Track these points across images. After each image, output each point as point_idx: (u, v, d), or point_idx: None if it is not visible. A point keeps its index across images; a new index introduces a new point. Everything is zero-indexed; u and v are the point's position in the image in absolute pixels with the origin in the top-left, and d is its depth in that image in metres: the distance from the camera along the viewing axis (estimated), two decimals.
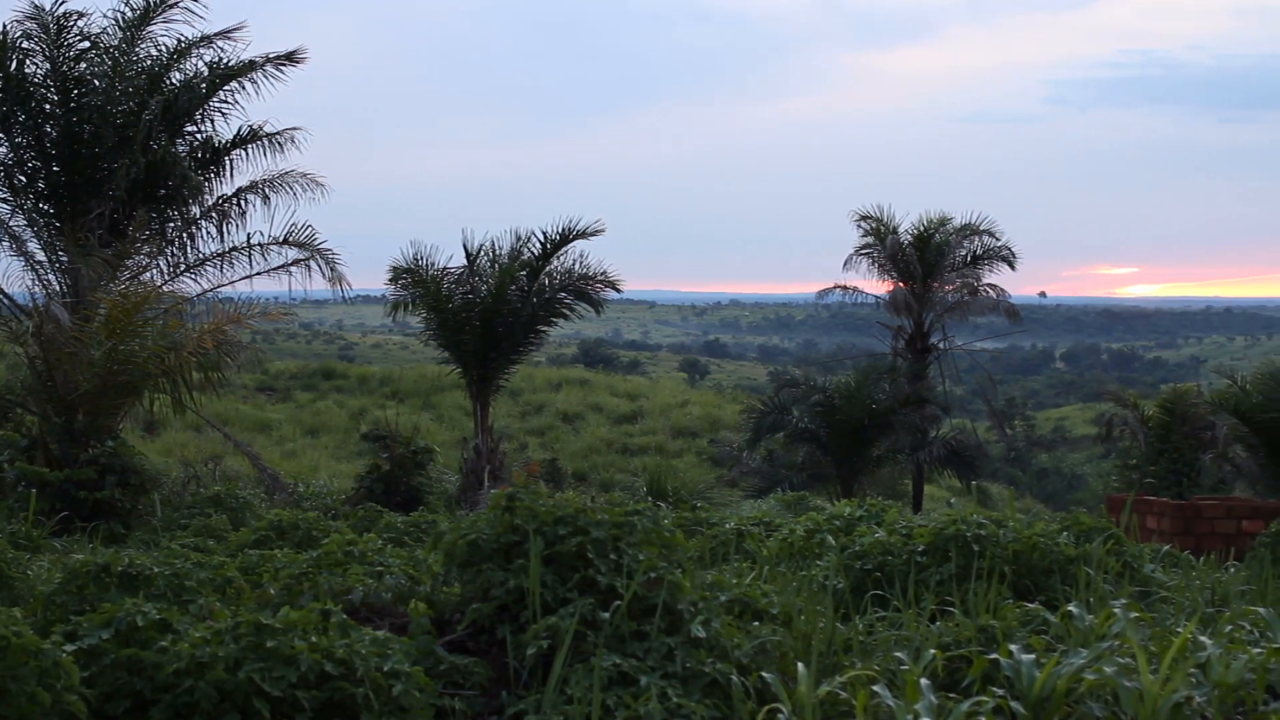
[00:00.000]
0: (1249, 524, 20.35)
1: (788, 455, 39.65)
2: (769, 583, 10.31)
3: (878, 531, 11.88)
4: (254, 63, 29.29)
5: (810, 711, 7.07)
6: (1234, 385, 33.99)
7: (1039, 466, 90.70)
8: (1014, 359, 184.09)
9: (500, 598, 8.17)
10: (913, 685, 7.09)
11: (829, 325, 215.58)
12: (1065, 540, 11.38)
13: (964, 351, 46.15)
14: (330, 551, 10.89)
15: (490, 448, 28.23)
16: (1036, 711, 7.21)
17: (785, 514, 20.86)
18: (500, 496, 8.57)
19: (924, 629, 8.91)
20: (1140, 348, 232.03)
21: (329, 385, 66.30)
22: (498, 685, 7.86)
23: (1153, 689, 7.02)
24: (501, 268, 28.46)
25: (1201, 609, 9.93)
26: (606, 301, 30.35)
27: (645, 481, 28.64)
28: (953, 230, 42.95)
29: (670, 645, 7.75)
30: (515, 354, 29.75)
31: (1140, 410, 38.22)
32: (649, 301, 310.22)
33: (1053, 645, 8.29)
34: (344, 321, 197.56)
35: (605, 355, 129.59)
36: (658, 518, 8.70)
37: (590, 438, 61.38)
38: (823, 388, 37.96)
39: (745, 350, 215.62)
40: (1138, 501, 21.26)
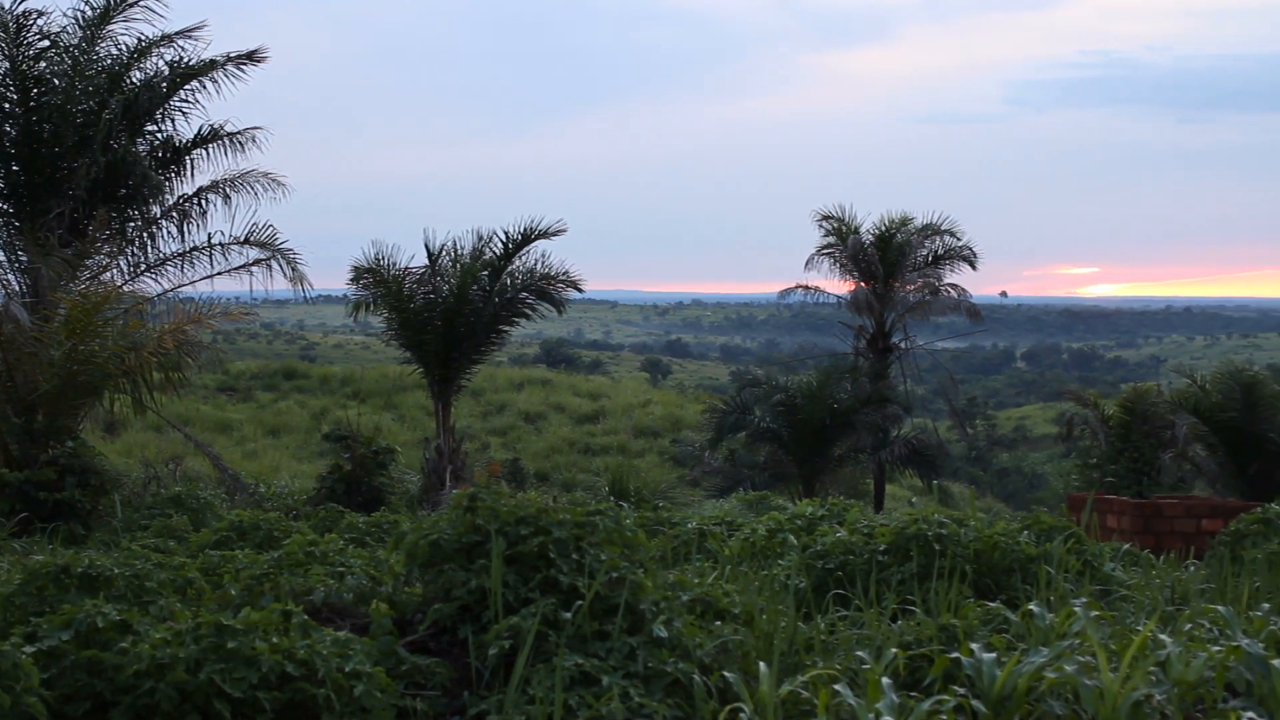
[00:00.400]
0: (1208, 522, 20.46)
1: (749, 455, 39.70)
2: (731, 582, 10.32)
3: (839, 531, 11.91)
4: (215, 62, 29.23)
5: (772, 710, 7.08)
6: (1194, 384, 34.15)
7: (1000, 466, 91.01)
8: (975, 358, 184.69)
9: (462, 598, 8.16)
10: (874, 684, 7.11)
11: (791, 325, 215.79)
12: (1026, 539, 11.44)
13: (925, 351, 46.22)
14: (291, 552, 10.86)
15: (452, 448, 28.20)
16: (997, 710, 7.23)
17: (747, 513, 20.88)
18: (462, 496, 8.57)
19: (885, 628, 8.93)
20: (1101, 347, 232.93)
21: (290, 385, 66.15)
22: (460, 685, 7.85)
23: (1113, 687, 7.05)
24: (463, 267, 28.44)
25: (1161, 607, 9.96)
26: (568, 301, 30.36)
27: (607, 481, 28.61)
28: (914, 230, 42.99)
29: (632, 645, 7.75)
30: (477, 354, 29.73)
31: (1101, 409, 38.34)
32: (611, 301, 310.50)
33: (1014, 644, 8.31)
34: (305, 321, 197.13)
35: (567, 355, 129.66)
36: (619, 517, 8.71)
37: (552, 437, 61.36)
38: (784, 387, 38.01)
39: (707, 350, 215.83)
40: (1098, 500, 21.37)
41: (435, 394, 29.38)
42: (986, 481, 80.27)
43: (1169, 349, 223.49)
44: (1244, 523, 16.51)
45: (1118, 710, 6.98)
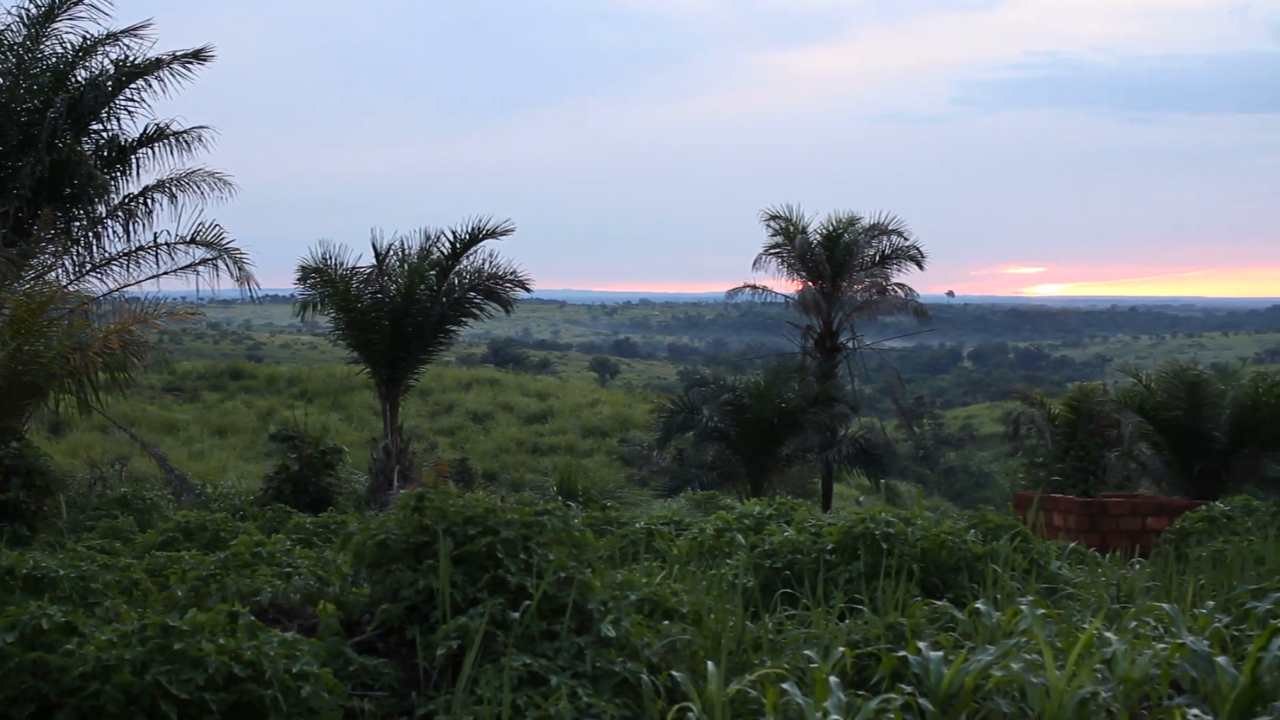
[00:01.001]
0: (1154, 521, 20.56)
1: (697, 454, 39.72)
2: (679, 582, 10.33)
3: (787, 530, 11.93)
4: (160, 60, 29.03)
5: (720, 710, 7.08)
6: (1139, 384, 34.30)
7: (947, 465, 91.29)
8: (922, 358, 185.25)
9: (410, 598, 8.15)
10: (822, 683, 7.12)
11: (739, 325, 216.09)
12: (973, 538, 11.48)
13: (873, 350, 46.34)
14: (238, 553, 10.83)
15: (399, 448, 28.15)
16: (944, 708, 7.26)
17: (695, 513, 20.92)
18: (409, 497, 8.55)
19: (833, 627, 8.95)
20: (1047, 347, 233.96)
21: (237, 385, 65.90)
22: (407, 686, 7.84)
23: (1059, 685, 7.09)
24: (411, 267, 28.40)
25: (1107, 605, 10.01)
26: (516, 301, 30.36)
27: (555, 481, 28.59)
28: (861, 230, 43.07)
29: (580, 645, 7.75)
30: (425, 354, 29.68)
31: (1047, 409, 38.52)
32: (559, 301, 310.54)
33: (960, 642, 8.34)
34: (252, 321, 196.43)
35: (515, 355, 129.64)
36: (567, 517, 8.70)
37: (500, 437, 61.32)
38: (732, 387, 38.02)
39: (655, 350, 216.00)
40: (1044, 499, 21.46)
41: (383, 394, 29.31)
42: (933, 480, 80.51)
43: (1115, 348, 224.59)
44: (1189, 521, 16.65)
45: (1064, 708, 7.01)
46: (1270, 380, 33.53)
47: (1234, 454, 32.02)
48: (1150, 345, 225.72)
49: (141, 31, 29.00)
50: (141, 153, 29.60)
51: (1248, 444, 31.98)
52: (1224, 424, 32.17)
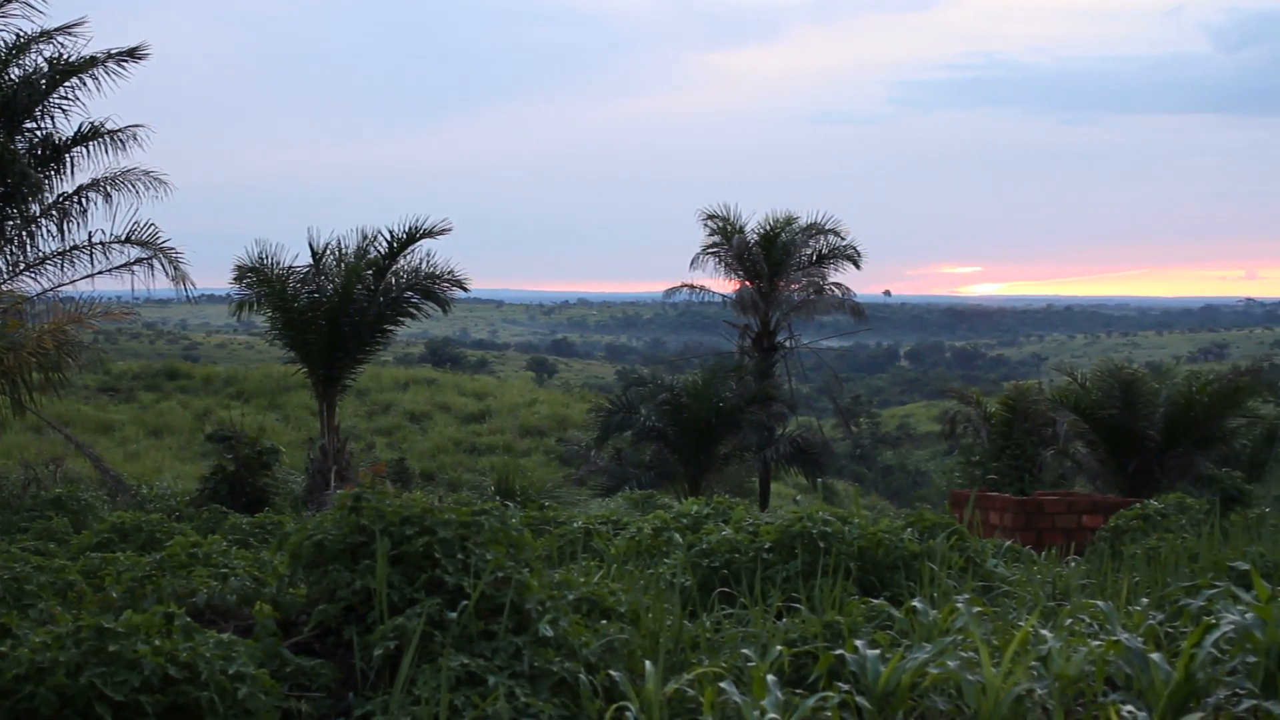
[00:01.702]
0: (1089, 519, 20.70)
1: (635, 454, 39.75)
2: (617, 581, 10.32)
3: (725, 529, 11.95)
4: (95, 59, 28.82)
5: (658, 709, 7.09)
6: (1074, 382, 34.52)
7: (884, 463, 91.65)
8: (859, 357, 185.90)
9: (347, 599, 8.12)
10: (759, 681, 7.13)
11: (676, 324, 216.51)
12: (909, 536, 11.52)
13: (810, 350, 46.47)
14: (174, 554, 10.78)
15: (337, 448, 28.07)
16: (881, 706, 7.28)
17: (633, 512, 20.92)
18: (346, 497, 8.52)
19: (770, 626, 8.96)
20: (983, 346, 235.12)
21: (173, 385, 65.63)
22: (345, 687, 7.81)
23: (995, 682, 7.12)
24: (348, 267, 28.33)
25: (1042, 603, 10.06)
26: (454, 301, 30.34)
27: (493, 481, 28.58)
28: (799, 229, 43.16)
29: (518, 644, 7.74)
30: (362, 353, 29.61)
31: (983, 407, 38.75)
32: (497, 300, 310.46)
33: (897, 640, 8.37)
34: (188, 321, 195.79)
35: (453, 354, 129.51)
36: (505, 517, 8.69)
37: (438, 437, 61.25)
38: (670, 386, 38.08)
39: (593, 349, 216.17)
40: (980, 497, 21.58)
41: (320, 394, 29.23)
42: (871, 479, 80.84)
43: (1050, 347, 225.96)
44: (1123, 519, 16.77)
45: (999, 705, 7.05)
46: (1203, 379, 33.84)
47: (1168, 452, 32.27)
48: (1085, 344, 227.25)
49: (76, 30, 28.77)
50: (76, 151, 29.38)
51: (1181, 442, 32.24)
52: (1158, 422, 32.42)
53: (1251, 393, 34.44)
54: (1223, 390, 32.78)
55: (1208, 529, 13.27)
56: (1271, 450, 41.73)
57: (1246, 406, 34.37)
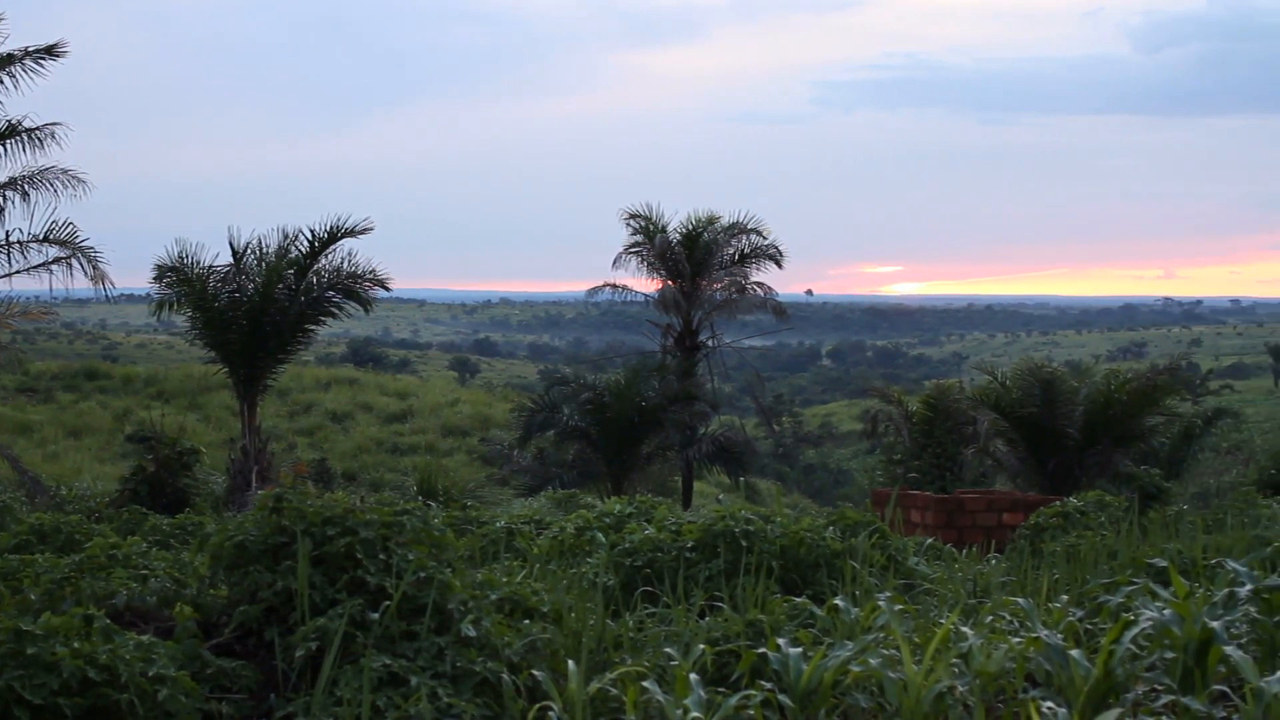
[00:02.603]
0: (1009, 516, 20.86)
1: (558, 453, 39.71)
2: (540, 581, 10.32)
3: (647, 528, 11.94)
4: (12, 56, 28.61)
5: (580, 708, 7.09)
6: (994, 381, 34.73)
7: (806, 462, 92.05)
8: (782, 356, 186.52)
9: (268, 599, 8.08)
10: (682, 680, 7.14)
11: (599, 323, 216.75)
12: (832, 535, 11.55)
13: (732, 349, 46.51)
14: (93, 555, 10.69)
15: (258, 448, 27.94)
16: (804, 703, 7.30)
17: (556, 512, 20.94)
18: (267, 497, 8.48)
19: (693, 624, 8.97)
20: (904, 344, 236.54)
21: (92, 386, 65.19)
22: (266, 688, 7.77)
23: (916, 679, 7.16)
24: (269, 266, 28.20)
25: (964, 600, 10.12)
26: (375, 300, 30.24)
27: (415, 481, 28.53)
28: (721, 229, 43.22)
29: (440, 645, 7.72)
30: (283, 353, 29.48)
31: (904, 406, 38.96)
32: (419, 300, 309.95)
33: (820, 638, 8.40)
34: (108, 321, 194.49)
35: (375, 354, 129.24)
36: (427, 517, 8.67)
37: (360, 437, 61.09)
38: (593, 386, 38.05)
39: (515, 349, 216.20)
40: (902, 496, 21.70)
41: (241, 394, 29.08)
42: (793, 478, 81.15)
43: (971, 346, 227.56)
44: (1043, 516, 16.90)
45: (921, 702, 7.08)
46: (1122, 378, 34.13)
47: (1087, 450, 32.50)
48: (1006, 343, 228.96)
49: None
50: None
51: (1100, 440, 32.48)
52: (1077, 421, 32.65)
53: (1169, 391, 34.75)
54: (1141, 389, 33.06)
55: (1126, 526, 13.37)
56: (1189, 448, 42.19)
57: (1164, 405, 34.68)
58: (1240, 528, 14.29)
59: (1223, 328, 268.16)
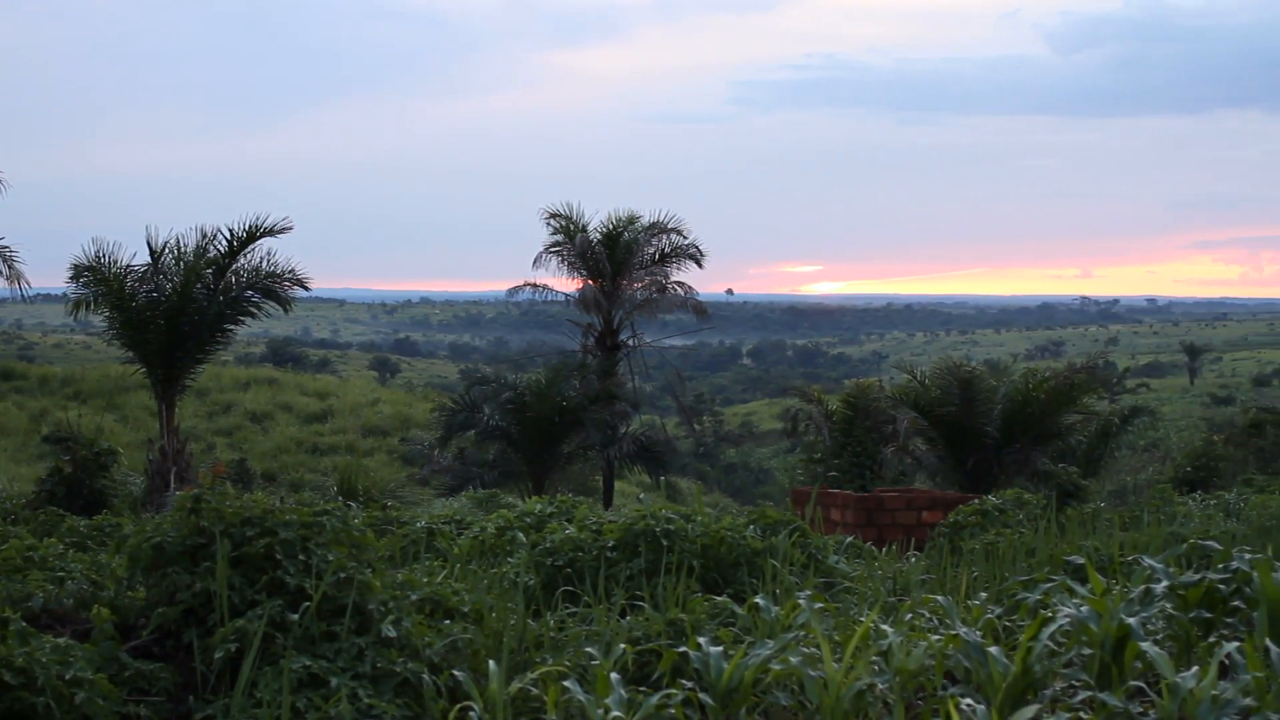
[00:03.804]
0: (929, 515, 20.97)
1: (479, 453, 39.66)
2: (460, 581, 10.30)
3: (568, 528, 11.94)
4: None
5: (501, 708, 7.08)
6: (914, 380, 34.89)
7: (727, 461, 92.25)
8: (702, 356, 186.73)
9: (187, 601, 8.03)
10: (603, 680, 7.15)
11: (519, 323, 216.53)
12: (752, 534, 11.57)
13: (653, 348, 46.56)
14: (9, 557, 10.60)
15: (176, 449, 27.75)
16: (725, 702, 7.32)
17: (477, 512, 20.91)
18: (186, 498, 8.43)
19: (614, 624, 8.98)
20: (825, 344, 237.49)
21: (8, 386, 64.64)
22: (185, 690, 7.73)
23: (836, 677, 7.18)
24: (187, 265, 28.01)
25: (883, 598, 10.16)
26: (295, 300, 30.08)
27: (335, 481, 28.43)
28: (641, 229, 43.25)
29: (361, 645, 7.70)
30: (202, 353, 29.29)
31: (824, 405, 39.08)
32: (339, 300, 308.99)
33: (740, 637, 8.42)
34: (23, 321, 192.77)
35: (294, 354, 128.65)
36: (347, 517, 8.64)
37: (279, 437, 60.83)
38: (513, 385, 38.01)
39: (436, 348, 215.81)
40: (822, 494, 21.75)
41: (159, 394, 28.88)
42: (714, 477, 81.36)
43: (890, 345, 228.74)
44: (962, 514, 17.00)
45: (841, 699, 7.11)
46: (1040, 377, 34.36)
47: (1005, 448, 32.70)
48: (925, 342, 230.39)
49: None
50: None
51: (1019, 439, 32.68)
52: (996, 419, 32.84)
53: (1086, 389, 34.99)
54: (1059, 387, 33.28)
55: (1044, 524, 13.47)
56: (1106, 446, 42.46)
57: (1082, 403, 34.92)
58: (1156, 525, 14.42)
59: (1139, 327, 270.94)
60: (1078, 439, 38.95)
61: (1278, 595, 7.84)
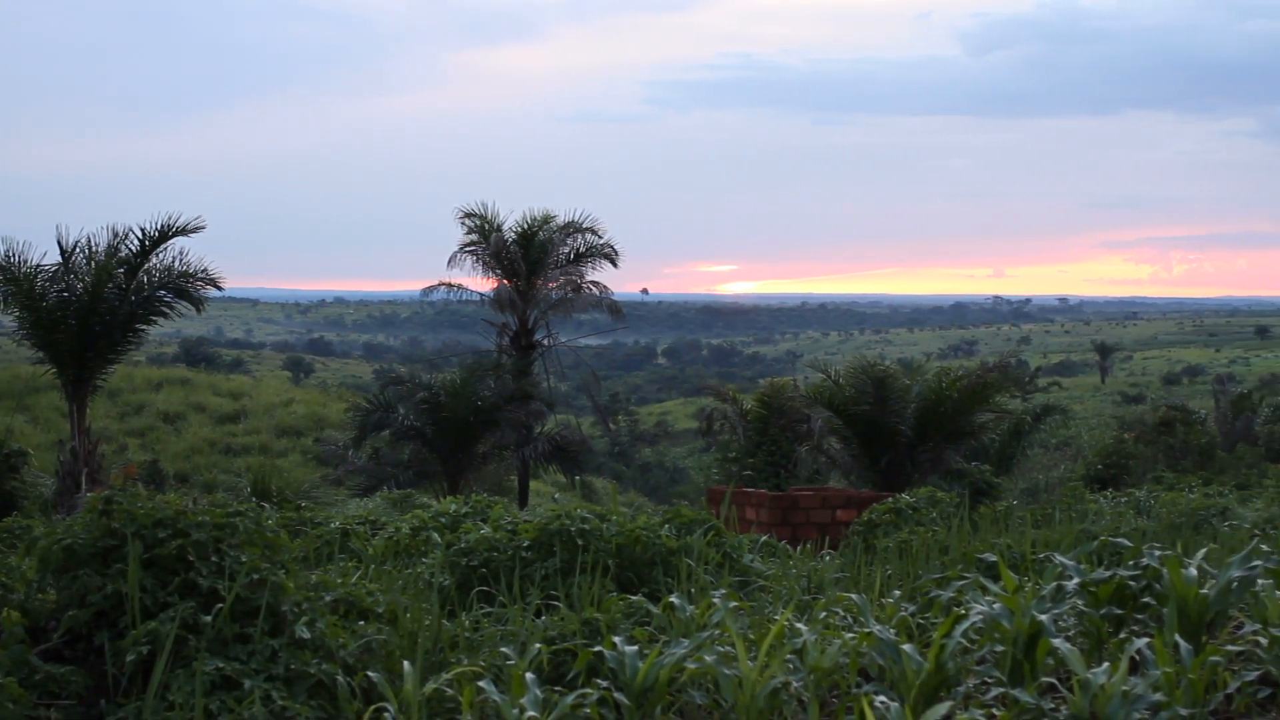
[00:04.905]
0: (843, 513, 21.03)
1: (394, 453, 39.54)
2: (375, 581, 10.26)
3: (483, 528, 11.93)
4: None
5: (416, 709, 7.07)
6: (828, 379, 34.96)
7: (642, 461, 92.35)
8: (618, 355, 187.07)
9: (98, 603, 7.97)
10: (518, 680, 7.14)
11: (435, 323, 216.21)
12: (667, 533, 11.59)
13: (568, 348, 46.56)
14: None
15: (88, 450, 27.54)
16: (640, 701, 7.33)
17: (391, 512, 20.88)
18: (97, 499, 8.36)
19: (529, 624, 8.97)
20: (739, 343, 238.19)
21: None
22: (97, 694, 7.67)
23: (751, 675, 7.20)
24: (98, 265, 27.80)
25: (798, 597, 10.19)
26: (208, 299, 29.91)
27: (249, 482, 28.24)
28: (556, 228, 43.24)
29: (274, 647, 7.67)
30: (114, 353, 29.07)
31: (739, 404, 39.18)
32: (252, 299, 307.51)
33: (656, 636, 8.43)
34: None
35: (207, 354, 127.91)
36: (261, 518, 8.60)
37: (192, 438, 60.43)
38: (428, 385, 37.91)
39: (351, 348, 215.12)
40: (737, 493, 21.79)
41: (70, 395, 28.64)
42: (629, 476, 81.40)
43: (805, 344, 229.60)
44: (876, 513, 17.07)
45: (756, 698, 7.13)
46: (953, 375, 34.51)
47: (919, 447, 32.83)
48: (839, 341, 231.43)
49: None
50: None
51: (932, 437, 32.82)
52: (910, 418, 32.95)
53: (999, 388, 35.21)
54: (972, 386, 33.44)
55: (958, 522, 13.56)
56: (1019, 444, 42.84)
57: (994, 401, 35.12)
58: (1068, 522, 14.52)
59: (1051, 326, 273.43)
60: (991, 437, 39.23)
61: (1187, 592, 7.92)
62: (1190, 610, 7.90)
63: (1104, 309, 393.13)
